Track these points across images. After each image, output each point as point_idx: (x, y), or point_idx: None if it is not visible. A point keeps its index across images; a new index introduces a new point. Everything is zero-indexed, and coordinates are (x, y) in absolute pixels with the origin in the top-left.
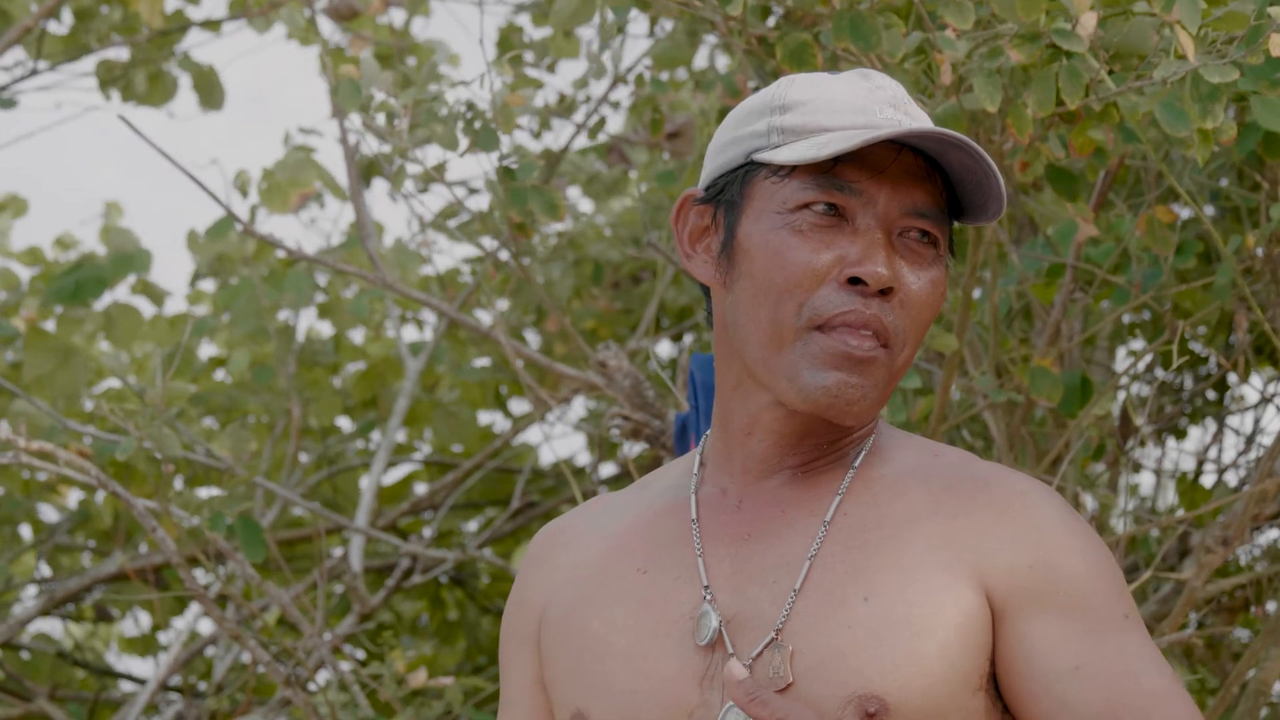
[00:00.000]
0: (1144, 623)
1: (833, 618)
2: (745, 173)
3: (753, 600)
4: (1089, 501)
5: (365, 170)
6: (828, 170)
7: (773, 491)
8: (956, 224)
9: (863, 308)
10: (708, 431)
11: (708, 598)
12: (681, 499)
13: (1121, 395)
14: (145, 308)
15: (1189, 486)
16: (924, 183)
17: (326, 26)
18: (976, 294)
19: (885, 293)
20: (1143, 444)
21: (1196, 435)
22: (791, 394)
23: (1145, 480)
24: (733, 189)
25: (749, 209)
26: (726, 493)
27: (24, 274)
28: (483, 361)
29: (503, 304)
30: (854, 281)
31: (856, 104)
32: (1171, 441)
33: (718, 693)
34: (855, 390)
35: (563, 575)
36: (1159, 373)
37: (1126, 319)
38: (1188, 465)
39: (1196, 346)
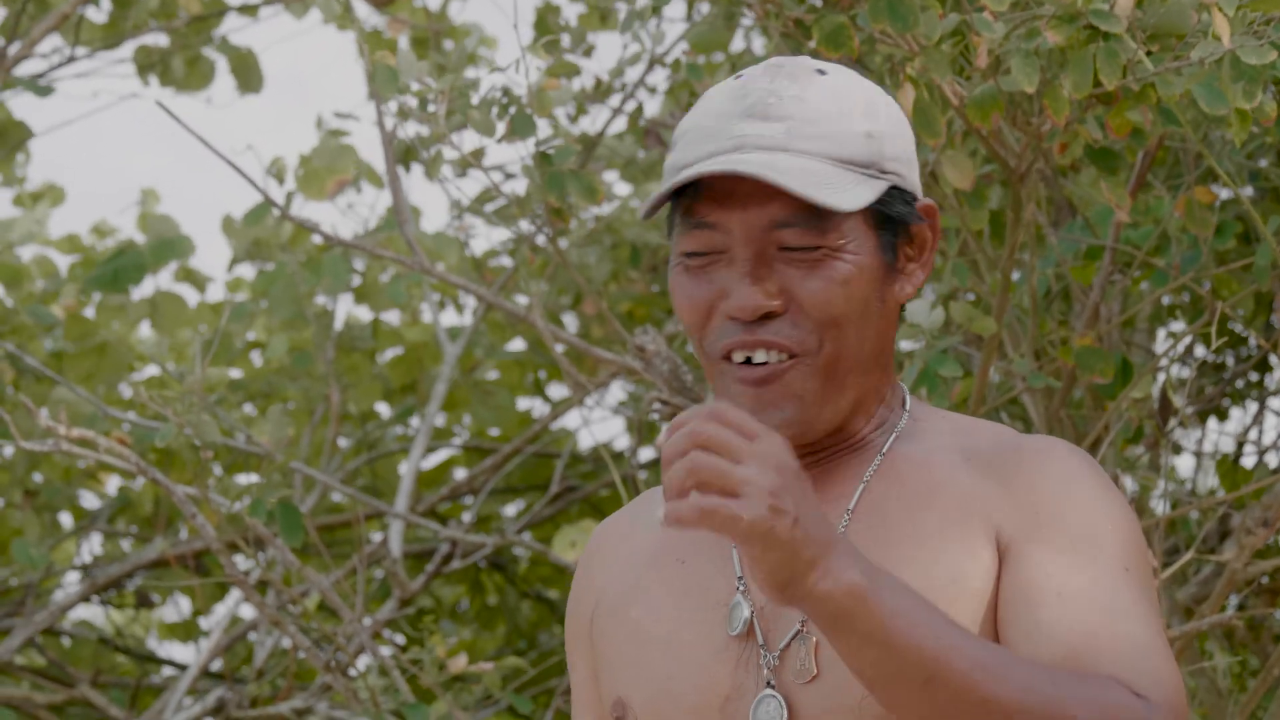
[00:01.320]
0: (1178, 606)
1: None
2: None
3: None
4: (1129, 483)
5: (402, 155)
6: (690, 211)
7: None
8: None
9: (747, 335)
10: None
11: (740, 588)
12: None
13: (1161, 377)
14: (187, 294)
15: (1229, 468)
16: (780, 192)
17: (363, 10)
18: (1015, 276)
19: (770, 316)
20: (1183, 425)
21: (1237, 416)
22: None
23: (1185, 462)
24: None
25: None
26: None
27: (62, 262)
28: (519, 345)
29: (540, 287)
30: (734, 317)
31: (714, 127)
32: (1212, 423)
33: (752, 679)
34: (773, 416)
35: (613, 570)
36: (1199, 354)
37: (1166, 300)
38: (1228, 447)
39: (1237, 327)
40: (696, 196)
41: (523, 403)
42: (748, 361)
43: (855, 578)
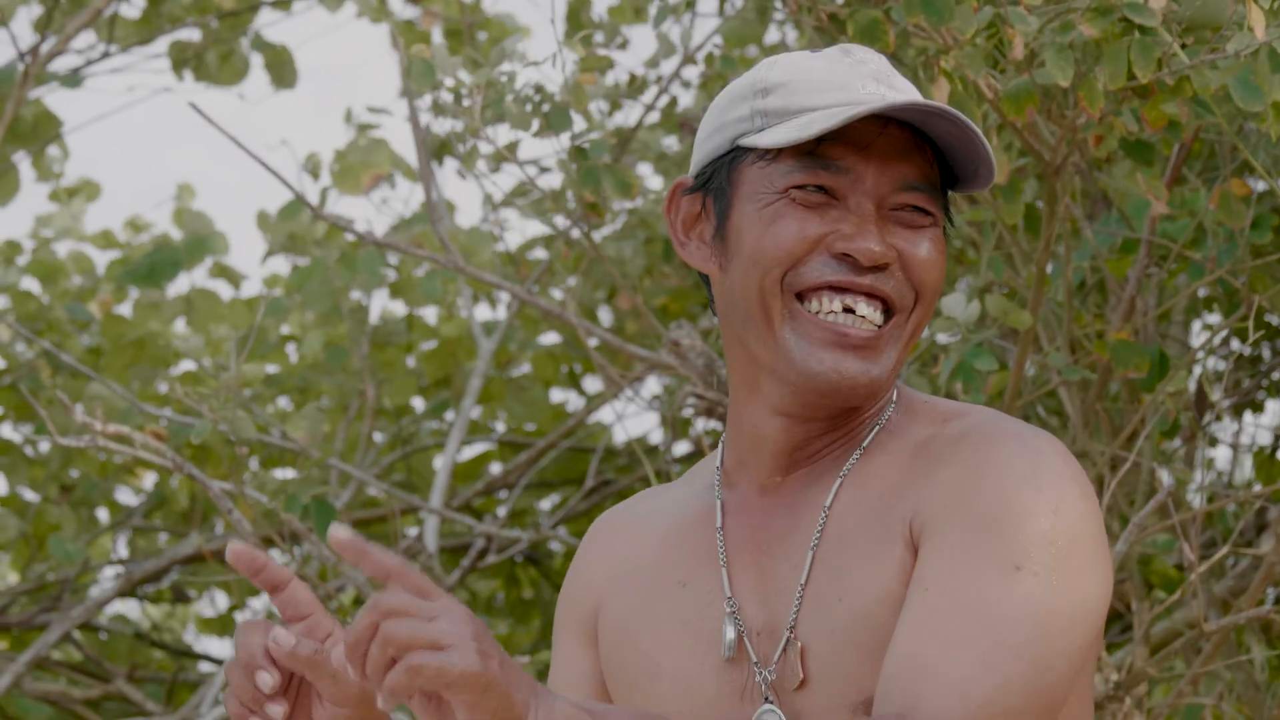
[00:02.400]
0: (1215, 599)
1: (825, 622)
2: (732, 159)
3: (773, 609)
4: (1165, 477)
5: (436, 150)
6: (814, 151)
7: (791, 492)
8: (951, 193)
9: (857, 277)
10: (724, 431)
11: (729, 609)
12: (710, 505)
13: (1197, 370)
14: (221, 289)
15: (1266, 461)
16: (912, 156)
17: (397, 3)
18: (1050, 269)
19: (880, 268)
20: (1219, 418)
21: (1274, 409)
22: (792, 376)
23: (1222, 455)
24: (720, 176)
25: (738, 194)
26: (746, 498)
27: (98, 258)
28: (552, 338)
29: (574, 282)
30: (846, 256)
31: (838, 80)
32: (1248, 416)
33: (755, 704)
34: (858, 376)
35: (615, 575)
36: (1235, 347)
37: (1202, 293)
38: (1265, 439)
39: (1273, 320)
40: (826, 138)
41: (557, 397)
42: (847, 311)
43: (568, 709)
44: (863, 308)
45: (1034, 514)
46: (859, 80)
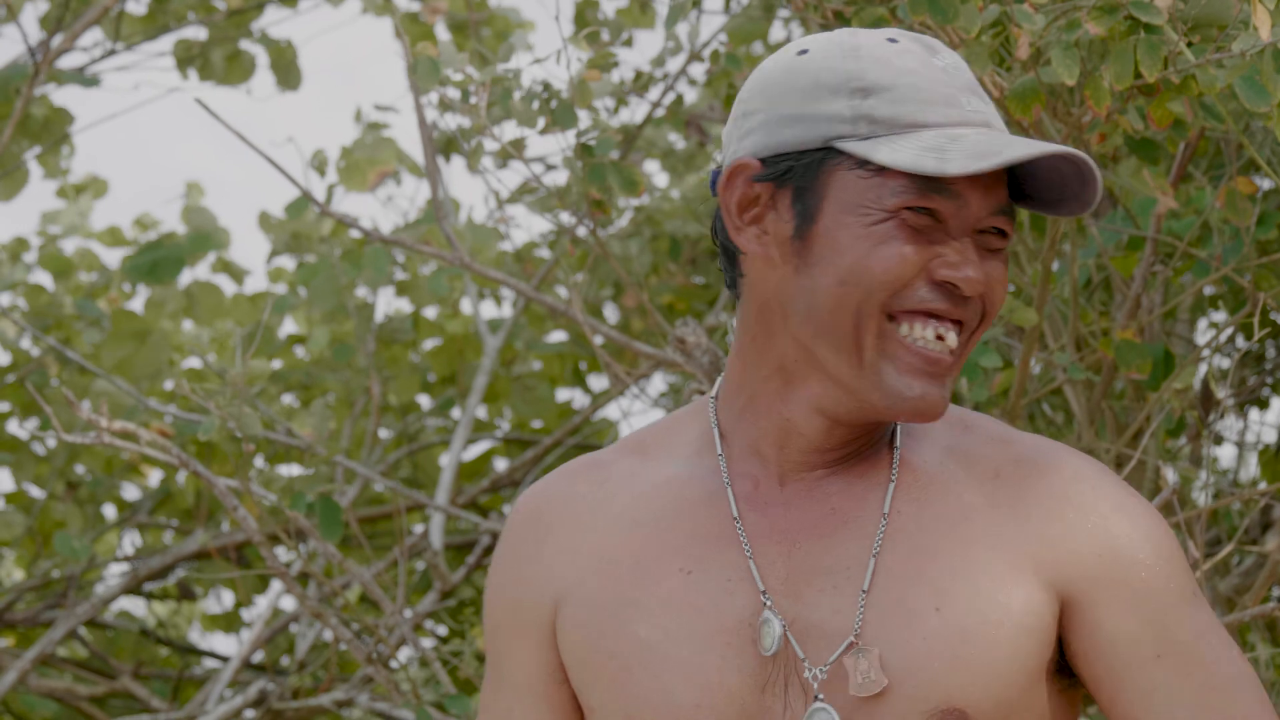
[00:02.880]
0: (1219, 597)
1: (907, 629)
2: (823, 157)
3: (813, 606)
4: (1170, 475)
5: (442, 147)
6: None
7: (815, 485)
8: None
9: (952, 307)
10: (713, 398)
11: (768, 604)
12: (714, 488)
13: (1203, 368)
14: (226, 285)
15: (1271, 458)
16: (1004, 177)
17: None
18: (1056, 267)
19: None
20: (1224, 416)
21: (1278, 407)
22: (875, 397)
23: (1227, 453)
24: (807, 174)
25: (832, 200)
26: (761, 486)
27: (105, 255)
28: (559, 336)
29: (580, 279)
30: (948, 284)
31: (941, 93)
32: (1254, 413)
33: (778, 700)
34: (939, 402)
35: (585, 563)
36: (1240, 344)
37: (1208, 291)
38: (1270, 437)
39: (1278, 318)
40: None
41: (563, 394)
42: (937, 338)
43: None
44: (951, 336)
45: (1169, 544)
46: (960, 93)
